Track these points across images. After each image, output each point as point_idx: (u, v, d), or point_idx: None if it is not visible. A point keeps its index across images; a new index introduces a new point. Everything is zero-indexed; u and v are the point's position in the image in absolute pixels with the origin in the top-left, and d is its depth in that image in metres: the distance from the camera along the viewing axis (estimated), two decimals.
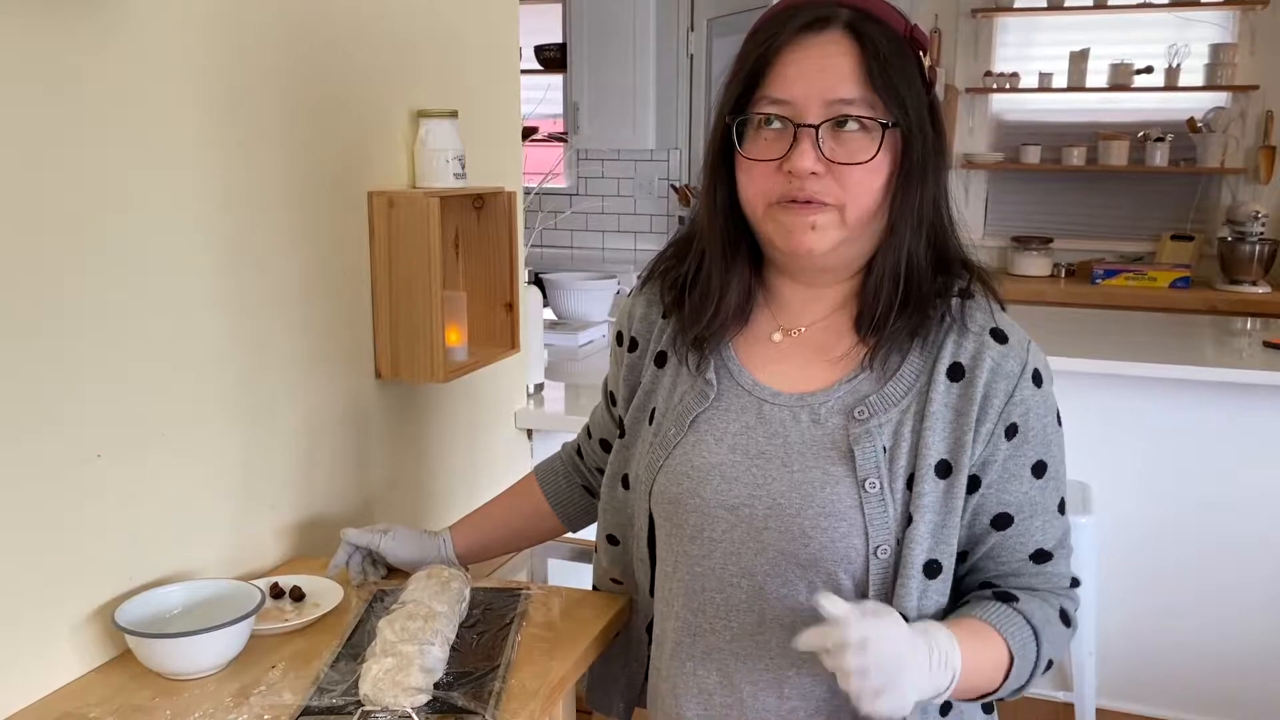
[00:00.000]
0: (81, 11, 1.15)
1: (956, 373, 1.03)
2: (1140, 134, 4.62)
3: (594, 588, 1.35)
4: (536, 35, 5.12)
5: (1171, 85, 4.53)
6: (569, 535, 2.21)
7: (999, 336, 1.04)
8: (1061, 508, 1.09)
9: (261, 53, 1.43)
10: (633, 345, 1.22)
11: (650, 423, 1.17)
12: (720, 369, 1.11)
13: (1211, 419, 2.61)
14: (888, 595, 1.03)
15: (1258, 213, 4.31)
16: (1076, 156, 4.68)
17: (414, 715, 1.05)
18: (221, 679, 1.17)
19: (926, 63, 1.03)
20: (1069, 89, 4.64)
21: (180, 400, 1.33)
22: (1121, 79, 4.55)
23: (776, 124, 1.00)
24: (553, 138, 5.28)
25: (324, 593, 1.36)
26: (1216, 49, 4.47)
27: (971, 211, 4.98)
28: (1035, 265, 4.71)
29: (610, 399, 1.30)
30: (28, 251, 1.11)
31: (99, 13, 1.17)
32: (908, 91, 0.99)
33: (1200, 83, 4.50)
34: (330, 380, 1.63)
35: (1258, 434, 2.59)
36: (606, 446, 1.31)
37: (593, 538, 1.35)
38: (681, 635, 1.13)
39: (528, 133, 4.79)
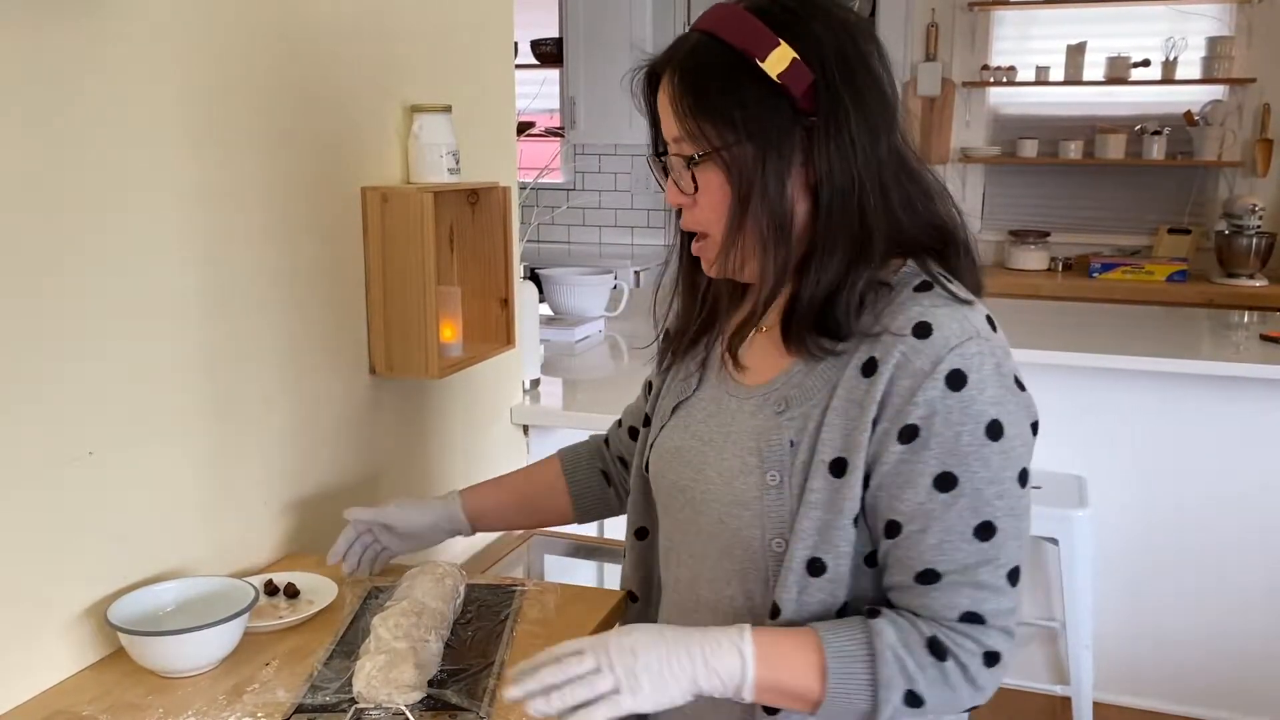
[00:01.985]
0: (74, 11, 1.15)
1: (869, 368, 1.00)
2: (1137, 127, 4.62)
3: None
4: (533, 30, 5.11)
5: (1168, 78, 4.52)
6: (566, 530, 2.21)
7: (922, 331, 0.98)
8: (983, 534, 0.97)
9: (254, 49, 1.42)
10: (666, 333, 1.27)
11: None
12: (707, 362, 1.17)
13: (1208, 412, 2.61)
14: (778, 588, 1.04)
15: (1255, 206, 4.31)
16: (1073, 150, 4.67)
17: (408, 712, 1.05)
18: (215, 676, 1.17)
19: (780, 60, 0.98)
20: (1066, 82, 4.63)
21: (173, 397, 1.33)
22: (1118, 72, 4.54)
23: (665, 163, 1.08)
24: (549, 132, 5.27)
25: (318, 590, 1.36)
26: (1213, 42, 4.46)
27: (968, 205, 4.97)
28: (1032, 259, 4.71)
29: (647, 389, 1.33)
30: (20, 250, 1.11)
31: (92, 16, 1.17)
32: (725, 111, 1.00)
33: (1197, 76, 4.50)
34: (325, 376, 1.62)
35: (1254, 427, 2.59)
36: (634, 435, 1.36)
37: (591, 533, 1.35)
38: (662, 611, 1.21)
39: (524, 127, 4.79)
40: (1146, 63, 4.54)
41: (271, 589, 1.36)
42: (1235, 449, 2.62)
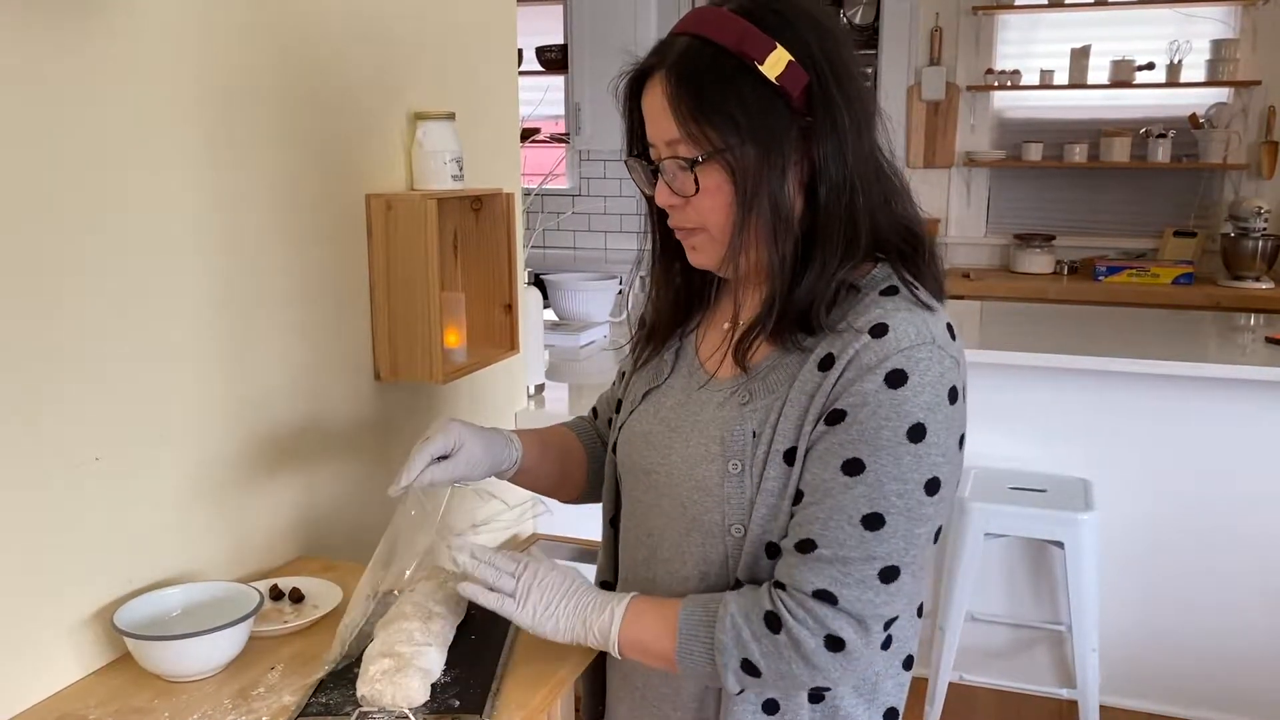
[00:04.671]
0: (79, 17, 1.16)
1: (826, 363, 1.03)
2: (1142, 130, 4.62)
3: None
4: (537, 36, 5.12)
5: (1173, 81, 4.52)
6: (570, 534, 2.21)
7: (879, 331, 1.01)
8: (870, 524, 0.99)
9: (258, 56, 1.43)
10: (642, 323, 1.28)
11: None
12: (680, 352, 1.21)
13: (1214, 415, 2.61)
14: (738, 569, 1.08)
15: (1260, 208, 4.31)
16: (1078, 153, 4.67)
17: (411, 716, 1.05)
18: (220, 680, 1.18)
19: (777, 62, 0.99)
20: (1070, 86, 4.63)
21: (179, 402, 1.34)
22: (1123, 75, 4.54)
23: (651, 164, 1.09)
24: (554, 138, 5.28)
25: (323, 594, 1.37)
26: (1218, 45, 4.46)
27: (974, 209, 4.98)
28: (1038, 263, 4.71)
29: (620, 377, 1.35)
30: (26, 256, 1.12)
31: (97, 18, 1.18)
32: (728, 113, 1.00)
33: (1202, 78, 4.50)
34: (330, 382, 1.63)
35: (1260, 429, 2.59)
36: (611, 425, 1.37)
37: (595, 537, 1.35)
38: (620, 590, 1.23)
39: (529, 134, 4.79)
40: (1151, 66, 4.54)
41: (277, 593, 1.37)
42: (1241, 451, 2.61)
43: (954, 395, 1.02)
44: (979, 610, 2.76)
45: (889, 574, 1.00)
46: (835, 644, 1.00)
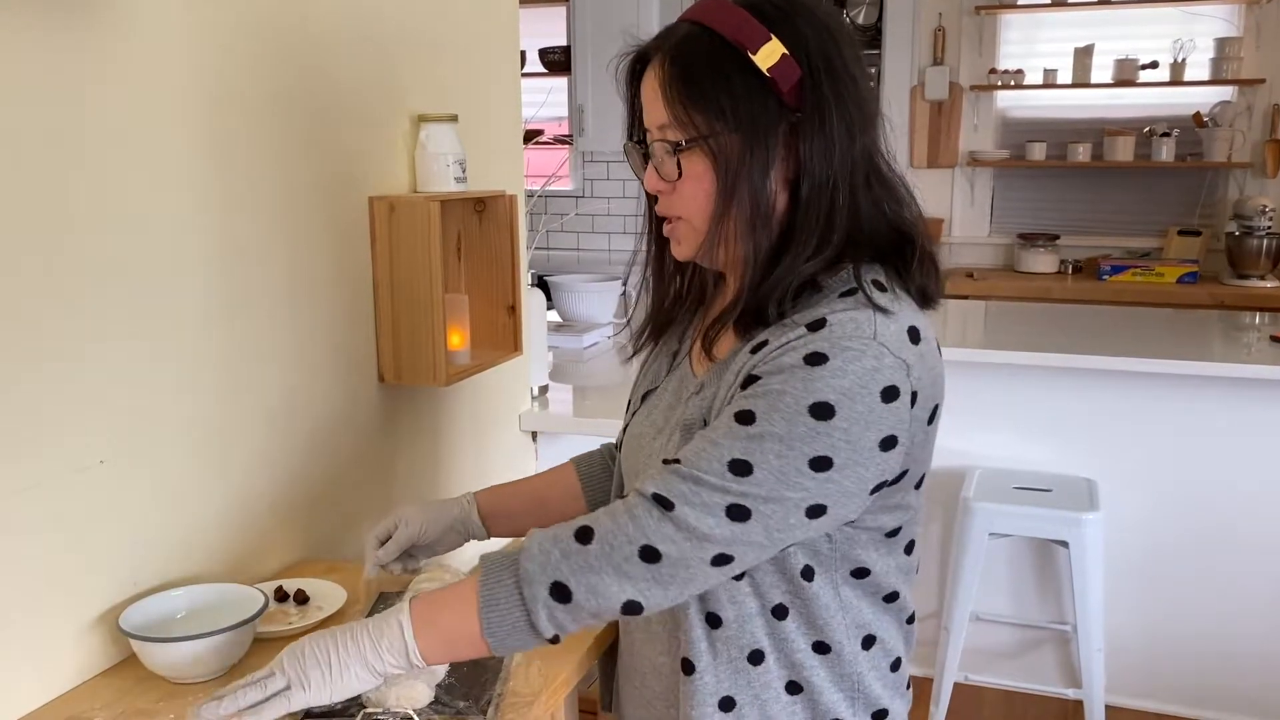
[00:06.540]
0: (82, 22, 1.16)
1: (759, 347, 1.02)
2: (1146, 129, 4.61)
3: None
4: (540, 38, 5.13)
5: (1177, 80, 4.51)
6: None
7: (817, 325, 0.99)
8: (736, 468, 0.95)
9: (260, 59, 1.44)
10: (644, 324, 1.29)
11: None
12: (677, 354, 1.20)
13: (1219, 414, 2.60)
14: None
15: (1265, 207, 4.30)
16: (1082, 153, 4.66)
17: (416, 717, 1.05)
18: (225, 682, 1.17)
19: (770, 54, 0.99)
20: (1074, 85, 4.63)
21: (183, 406, 1.34)
22: (1126, 74, 4.54)
23: (643, 150, 1.10)
24: (557, 140, 5.29)
25: (327, 595, 1.37)
26: (1222, 43, 4.45)
27: (977, 209, 4.97)
28: (1042, 262, 4.70)
29: None
30: (28, 260, 1.12)
31: (99, 23, 1.18)
32: (715, 99, 1.01)
33: (1206, 77, 4.49)
34: (333, 384, 1.64)
35: (1265, 429, 2.58)
36: None
37: None
38: None
39: (532, 135, 4.80)
40: (1155, 64, 4.53)
41: (281, 595, 1.37)
42: (1246, 450, 2.61)
43: (890, 394, 0.97)
44: (984, 610, 2.76)
45: (737, 511, 0.96)
46: (651, 555, 0.96)
